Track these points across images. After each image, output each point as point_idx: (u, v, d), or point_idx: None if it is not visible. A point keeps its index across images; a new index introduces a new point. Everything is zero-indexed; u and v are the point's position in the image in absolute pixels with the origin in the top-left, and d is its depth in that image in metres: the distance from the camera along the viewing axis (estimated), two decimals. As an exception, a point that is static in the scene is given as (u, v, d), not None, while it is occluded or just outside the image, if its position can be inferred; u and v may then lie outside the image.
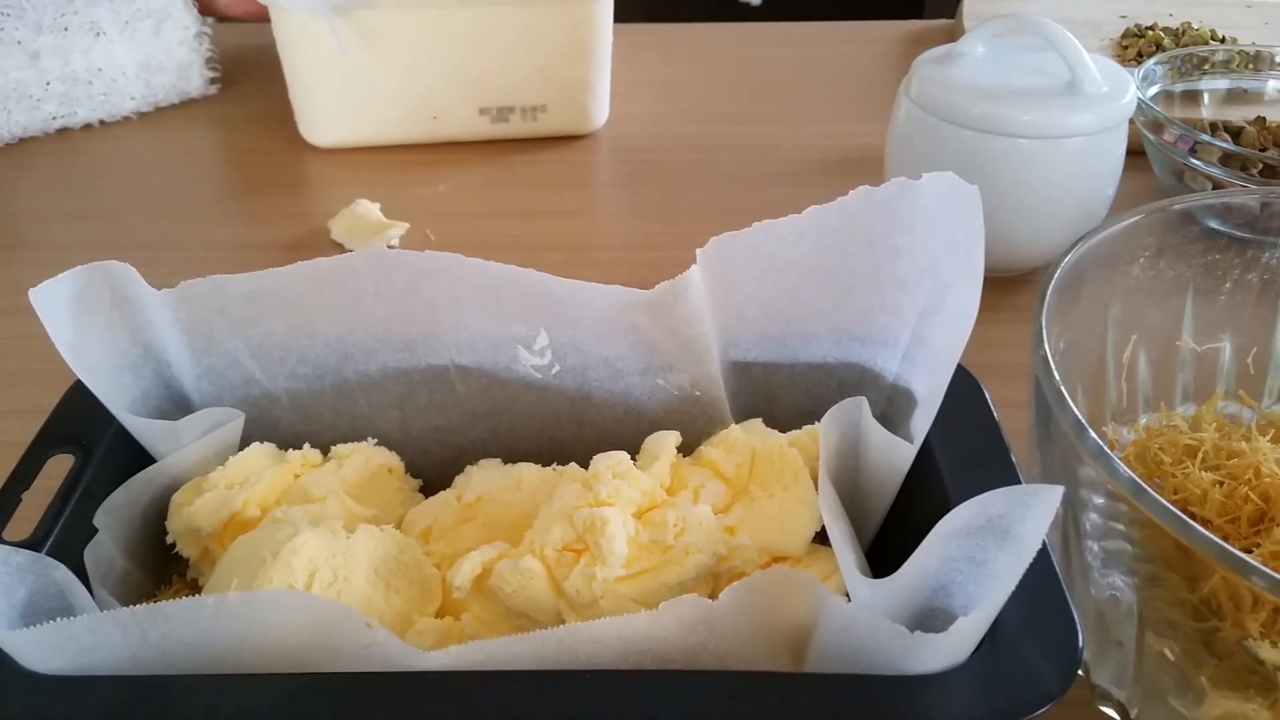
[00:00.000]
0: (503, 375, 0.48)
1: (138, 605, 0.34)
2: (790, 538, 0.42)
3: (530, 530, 0.41)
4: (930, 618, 0.37)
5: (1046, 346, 0.41)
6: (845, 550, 0.38)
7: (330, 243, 0.74)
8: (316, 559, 0.40)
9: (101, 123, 0.90)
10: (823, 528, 0.42)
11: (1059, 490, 0.34)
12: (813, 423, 0.45)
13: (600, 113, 0.88)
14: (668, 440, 0.44)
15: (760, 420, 0.46)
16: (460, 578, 0.40)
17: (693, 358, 0.46)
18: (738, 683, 0.35)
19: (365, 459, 0.46)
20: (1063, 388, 0.39)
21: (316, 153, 0.86)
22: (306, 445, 0.46)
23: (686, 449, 0.46)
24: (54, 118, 0.88)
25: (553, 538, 0.40)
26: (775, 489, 0.43)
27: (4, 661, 0.35)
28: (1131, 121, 0.65)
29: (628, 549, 0.39)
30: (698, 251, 0.44)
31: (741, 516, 0.42)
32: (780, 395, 0.49)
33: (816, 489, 0.43)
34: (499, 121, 0.85)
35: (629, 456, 0.43)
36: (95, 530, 0.41)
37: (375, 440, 0.47)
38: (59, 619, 0.34)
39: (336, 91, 0.82)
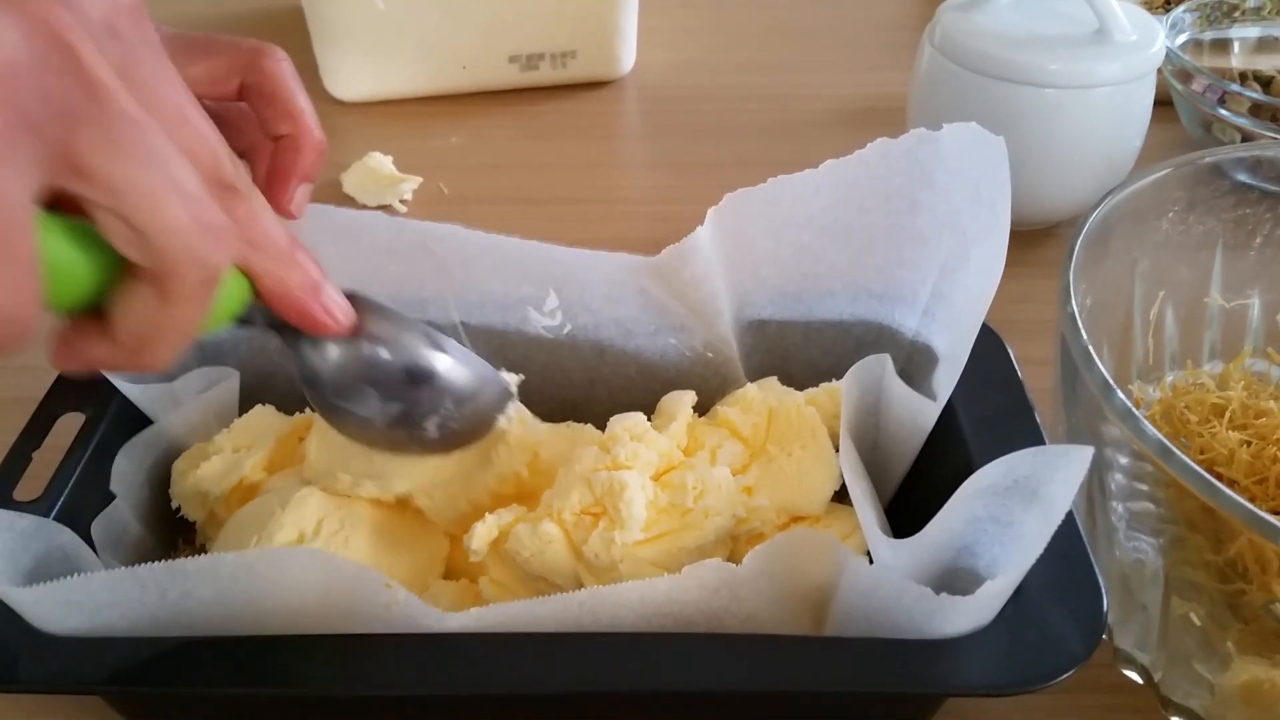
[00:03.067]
0: (513, 337, 0.47)
1: (155, 563, 0.34)
2: (809, 497, 0.41)
3: (548, 493, 0.41)
4: (953, 578, 0.37)
5: (1074, 304, 0.40)
6: (867, 509, 0.38)
7: (342, 196, 0.73)
8: (324, 508, 0.40)
9: None
10: (842, 486, 0.42)
11: (1089, 451, 0.33)
12: (829, 381, 0.45)
13: (628, 58, 0.87)
14: (684, 400, 0.44)
15: (775, 379, 0.46)
16: (477, 541, 0.39)
17: (704, 320, 0.45)
18: (765, 647, 0.35)
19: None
20: (1090, 346, 0.39)
21: (332, 104, 0.85)
22: (308, 409, 0.46)
23: (700, 409, 0.45)
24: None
25: (571, 502, 0.39)
26: (793, 448, 0.42)
27: (15, 622, 0.35)
28: (1159, 71, 0.63)
29: (647, 513, 0.39)
30: (709, 211, 0.43)
31: (759, 477, 0.42)
32: (795, 353, 0.48)
33: (835, 448, 0.42)
34: (529, 69, 0.84)
35: (645, 418, 0.42)
36: (105, 490, 0.40)
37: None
38: (75, 575, 0.33)
39: (365, 43, 0.81)
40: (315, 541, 0.39)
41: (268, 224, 0.32)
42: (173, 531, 0.44)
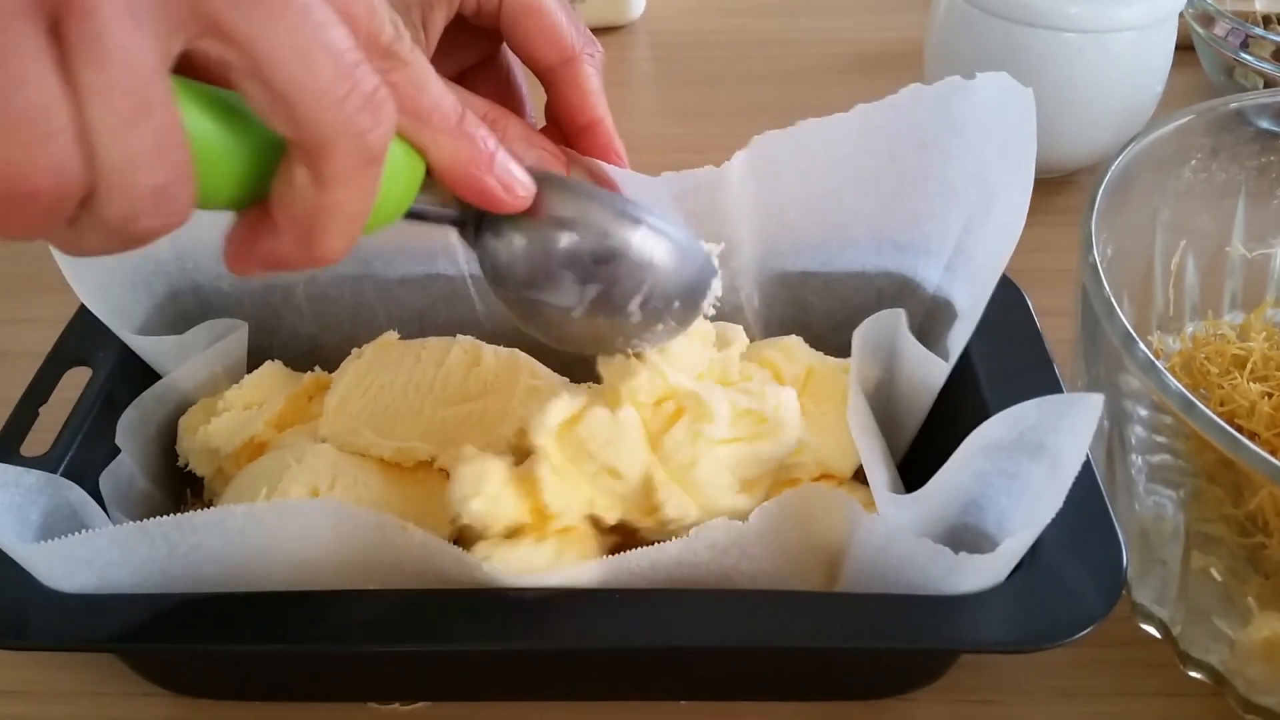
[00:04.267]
0: None
1: (163, 517, 0.33)
2: (843, 457, 0.41)
3: (607, 377, 0.38)
4: (962, 532, 0.36)
5: (1095, 254, 0.40)
6: (876, 465, 0.37)
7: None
8: (338, 464, 0.40)
9: None
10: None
11: (1097, 399, 0.32)
12: (847, 332, 0.44)
13: (638, 2, 0.85)
14: (739, 330, 0.42)
15: (800, 339, 0.45)
16: (549, 419, 0.36)
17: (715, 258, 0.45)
18: (777, 602, 0.34)
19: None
20: (1111, 297, 0.38)
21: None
22: (317, 368, 0.45)
23: None
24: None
25: (643, 388, 0.37)
26: (827, 407, 0.42)
27: (24, 580, 0.34)
28: (1180, 15, 0.62)
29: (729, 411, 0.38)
30: (739, 152, 0.42)
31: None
32: (815, 303, 0.47)
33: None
34: None
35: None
36: (112, 445, 0.40)
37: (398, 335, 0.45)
38: (84, 531, 0.33)
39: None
40: (329, 496, 0.39)
41: (433, 92, 0.29)
42: (180, 486, 0.44)
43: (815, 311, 0.47)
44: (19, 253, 0.62)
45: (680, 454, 0.37)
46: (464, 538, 0.39)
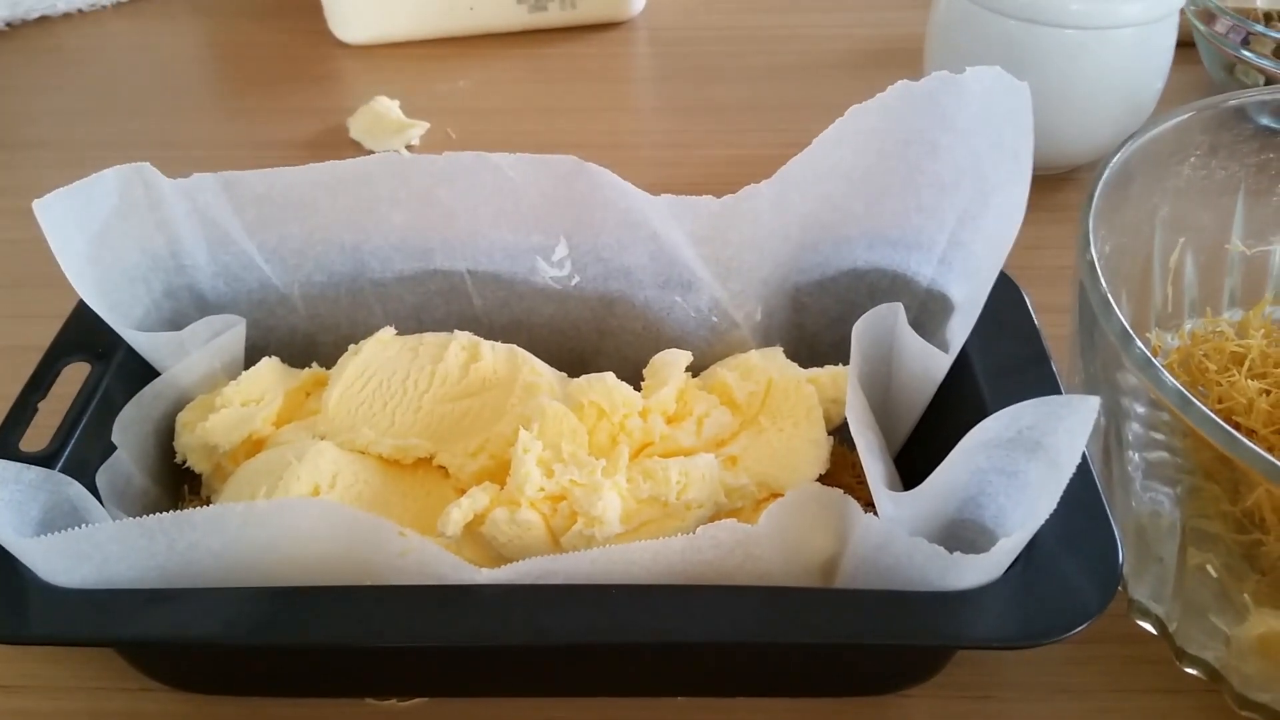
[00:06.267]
0: (520, 287, 0.46)
1: (163, 513, 0.33)
2: (793, 475, 0.40)
3: (513, 475, 0.39)
4: (959, 529, 0.37)
5: (1094, 251, 0.39)
6: (874, 462, 0.37)
7: (349, 141, 0.72)
8: (339, 462, 0.40)
9: (79, 12, 0.88)
10: (829, 466, 0.41)
11: (1094, 401, 0.32)
12: (841, 328, 0.44)
13: None
14: (678, 363, 0.42)
15: (780, 350, 0.45)
16: (451, 526, 0.38)
17: (718, 276, 0.45)
18: (774, 599, 0.34)
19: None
20: (1109, 295, 0.38)
21: (338, 47, 0.83)
22: (314, 364, 0.46)
23: (697, 369, 0.44)
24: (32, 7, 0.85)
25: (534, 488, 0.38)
26: (785, 424, 0.41)
27: (23, 575, 0.34)
28: (1181, 11, 0.62)
29: (626, 503, 0.38)
30: (766, 185, 0.43)
31: (746, 447, 0.41)
32: (809, 302, 0.47)
33: (829, 432, 0.42)
34: (536, 10, 0.82)
35: (623, 386, 0.41)
36: (110, 441, 0.40)
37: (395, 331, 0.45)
38: (83, 527, 0.33)
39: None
40: (330, 495, 0.39)
41: None
42: (178, 482, 0.44)
43: (809, 310, 0.47)
44: (17, 248, 0.62)
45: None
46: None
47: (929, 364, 0.41)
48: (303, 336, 0.47)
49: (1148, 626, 0.40)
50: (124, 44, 0.85)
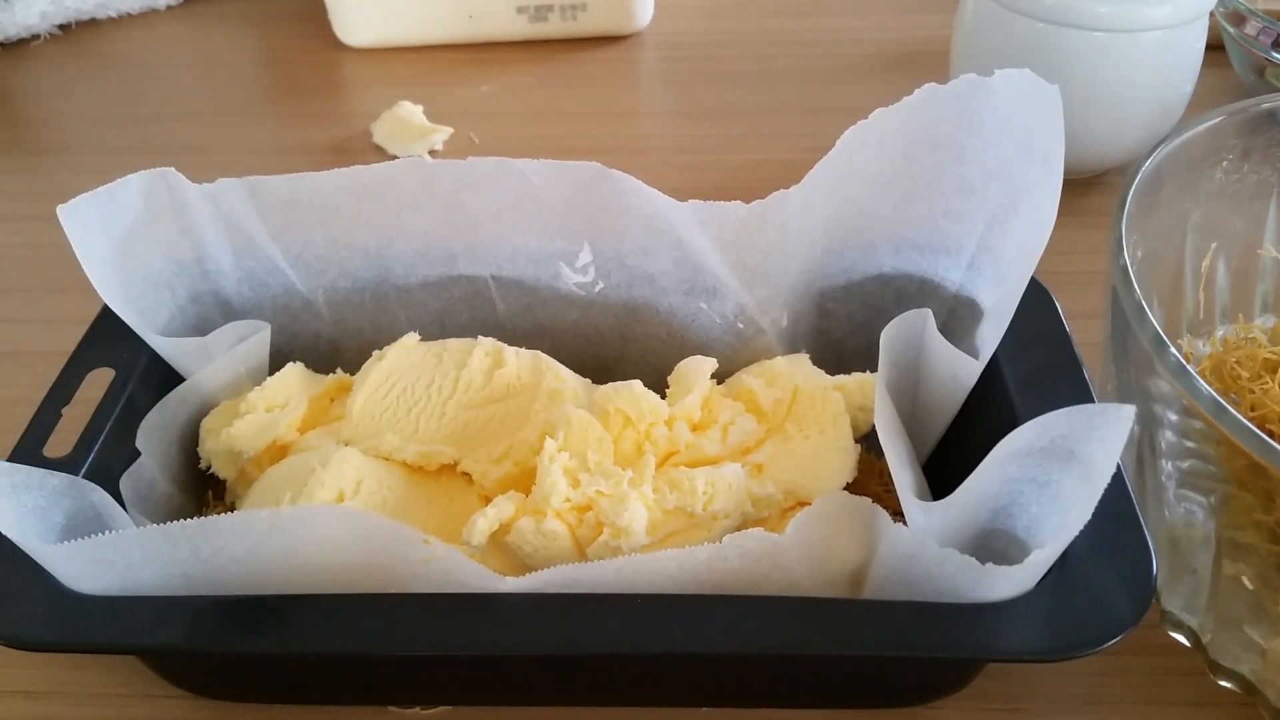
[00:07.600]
0: (544, 293, 0.46)
1: (187, 520, 0.33)
2: (819, 484, 0.40)
3: (539, 485, 0.39)
4: (990, 539, 0.36)
5: (1126, 256, 0.39)
6: (903, 470, 0.37)
7: (373, 146, 0.72)
8: (363, 468, 0.40)
9: (129, 15, 0.88)
10: (856, 474, 0.41)
11: (1129, 410, 0.32)
12: (868, 334, 0.43)
13: (644, 11, 0.84)
14: (704, 370, 0.42)
15: (807, 356, 0.44)
16: (476, 535, 0.37)
17: (745, 283, 0.44)
18: (802, 610, 0.34)
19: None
20: (1142, 301, 0.37)
21: (353, 52, 0.83)
22: (339, 370, 0.45)
23: (723, 376, 0.44)
24: (80, 10, 0.86)
25: (560, 499, 0.38)
26: (812, 431, 0.41)
27: (46, 581, 0.34)
28: (1211, 13, 0.61)
29: (652, 514, 0.38)
30: (795, 190, 0.42)
31: (772, 455, 0.41)
32: (835, 308, 0.47)
33: (855, 440, 0.41)
34: (537, 20, 0.82)
35: (655, 401, 0.41)
36: (134, 448, 0.40)
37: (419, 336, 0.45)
38: (107, 533, 0.33)
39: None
40: (354, 501, 0.39)
41: None
42: (202, 488, 0.44)
43: (835, 316, 0.47)
44: (42, 253, 0.62)
45: None
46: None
47: (958, 371, 0.40)
48: (327, 342, 0.47)
49: (1181, 638, 0.39)
50: (147, 51, 0.86)
